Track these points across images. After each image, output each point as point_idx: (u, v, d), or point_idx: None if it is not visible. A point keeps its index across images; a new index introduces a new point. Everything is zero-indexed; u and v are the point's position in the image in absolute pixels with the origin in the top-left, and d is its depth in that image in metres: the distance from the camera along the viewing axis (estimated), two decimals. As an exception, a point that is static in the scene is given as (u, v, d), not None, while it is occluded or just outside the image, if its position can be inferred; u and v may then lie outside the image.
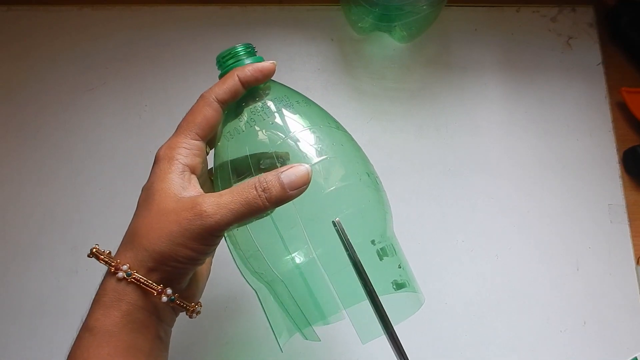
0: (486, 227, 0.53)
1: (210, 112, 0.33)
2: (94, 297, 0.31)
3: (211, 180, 0.37)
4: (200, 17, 0.62)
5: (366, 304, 0.31)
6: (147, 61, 0.60)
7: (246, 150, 0.33)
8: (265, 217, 0.32)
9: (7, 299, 0.51)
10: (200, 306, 0.34)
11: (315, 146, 0.33)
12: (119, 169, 0.56)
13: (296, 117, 0.34)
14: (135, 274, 0.30)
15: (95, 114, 0.58)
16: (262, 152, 0.33)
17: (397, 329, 0.31)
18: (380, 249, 0.34)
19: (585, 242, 0.53)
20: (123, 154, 0.56)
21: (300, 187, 0.30)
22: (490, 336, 0.50)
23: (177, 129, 0.34)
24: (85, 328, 0.30)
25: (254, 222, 0.32)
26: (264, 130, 0.33)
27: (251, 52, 0.36)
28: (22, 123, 0.58)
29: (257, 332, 0.50)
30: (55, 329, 0.50)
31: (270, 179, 0.30)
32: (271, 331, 0.35)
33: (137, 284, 0.30)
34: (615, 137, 0.57)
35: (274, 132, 0.33)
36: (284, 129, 0.33)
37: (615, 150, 0.56)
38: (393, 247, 0.35)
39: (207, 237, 0.30)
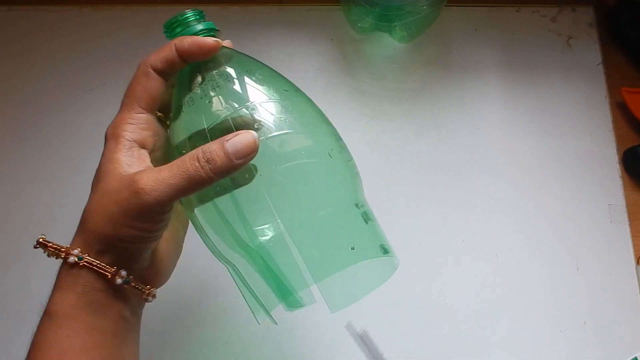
0: (486, 227, 0.53)
1: (149, 82, 0.31)
2: (53, 285, 0.31)
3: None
4: (200, 17, 0.62)
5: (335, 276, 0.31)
6: (147, 61, 0.60)
7: (202, 121, 0.31)
8: (225, 194, 0.31)
9: (7, 299, 0.51)
10: (155, 289, 0.33)
11: (278, 118, 0.31)
12: (119, 169, 0.55)
13: (258, 86, 0.32)
14: (87, 257, 0.29)
15: (95, 114, 0.58)
16: (218, 123, 0.31)
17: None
18: (363, 212, 0.33)
19: (585, 242, 0.53)
20: (123, 154, 0.56)
21: (247, 156, 0.29)
22: (490, 336, 0.50)
23: (121, 103, 0.32)
24: (45, 313, 0.30)
25: (215, 200, 0.31)
26: (220, 99, 0.31)
27: (199, 18, 0.34)
28: (22, 123, 0.58)
29: (257, 332, 0.50)
30: (55, 329, 0.50)
31: (214, 149, 0.28)
32: (252, 313, 0.34)
33: (90, 267, 0.29)
34: (615, 137, 0.57)
35: (231, 101, 0.31)
36: (243, 98, 0.31)
37: (615, 150, 0.56)
38: (371, 214, 0.35)
39: (148, 215, 0.29)
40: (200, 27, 0.33)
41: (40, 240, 0.31)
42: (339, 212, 0.32)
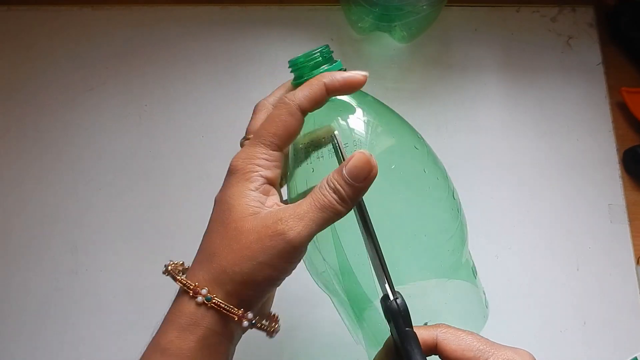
0: (486, 227, 0.53)
1: (292, 122, 0.30)
2: (167, 316, 0.30)
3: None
4: (200, 17, 0.62)
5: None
6: (147, 61, 0.60)
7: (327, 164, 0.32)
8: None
9: (7, 299, 0.51)
10: (278, 323, 0.33)
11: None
12: (119, 169, 0.55)
13: (391, 147, 0.32)
14: (215, 298, 0.29)
15: (95, 114, 0.58)
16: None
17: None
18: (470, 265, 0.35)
19: (585, 242, 0.53)
20: (123, 154, 0.56)
21: (367, 176, 0.28)
22: (490, 336, 0.50)
23: (255, 136, 0.31)
24: (157, 348, 0.29)
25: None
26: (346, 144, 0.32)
27: (330, 57, 0.34)
28: (22, 123, 0.58)
29: (257, 332, 0.50)
30: (56, 329, 0.50)
31: (336, 178, 0.28)
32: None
33: (216, 309, 0.29)
34: (615, 137, 0.57)
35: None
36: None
37: (615, 150, 0.56)
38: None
39: (292, 253, 0.28)
40: (328, 66, 0.33)
41: (170, 269, 0.31)
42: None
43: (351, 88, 0.32)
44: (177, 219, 0.54)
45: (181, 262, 0.31)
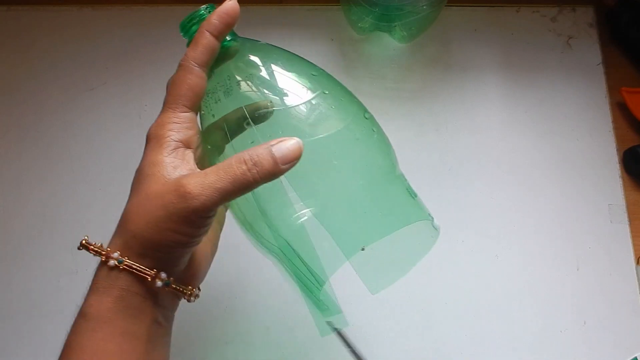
0: (486, 227, 0.53)
1: (192, 78, 0.31)
2: (90, 285, 0.31)
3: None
4: (200, 17, 0.62)
5: (369, 255, 0.30)
6: (147, 61, 0.60)
7: (230, 108, 0.32)
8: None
9: (6, 299, 0.51)
10: (199, 290, 0.34)
11: (303, 91, 0.32)
12: (119, 169, 0.56)
13: (276, 67, 0.33)
14: (127, 260, 0.29)
15: (95, 114, 0.58)
16: (247, 105, 0.32)
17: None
18: (403, 180, 0.34)
19: (585, 242, 0.53)
20: (123, 154, 0.56)
21: (292, 161, 0.29)
22: (490, 336, 0.50)
23: (163, 104, 0.32)
24: (80, 314, 0.30)
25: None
26: (245, 83, 0.33)
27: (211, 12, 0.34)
28: (22, 123, 0.58)
29: (257, 332, 0.50)
30: (55, 329, 0.50)
31: (261, 152, 0.29)
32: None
33: (129, 271, 0.29)
34: (615, 137, 0.57)
35: (255, 83, 0.32)
36: (264, 80, 0.32)
37: (615, 150, 0.56)
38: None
39: (195, 220, 0.29)
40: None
41: (83, 242, 0.31)
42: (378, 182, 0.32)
43: (230, 17, 0.32)
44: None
45: (100, 244, 0.31)
